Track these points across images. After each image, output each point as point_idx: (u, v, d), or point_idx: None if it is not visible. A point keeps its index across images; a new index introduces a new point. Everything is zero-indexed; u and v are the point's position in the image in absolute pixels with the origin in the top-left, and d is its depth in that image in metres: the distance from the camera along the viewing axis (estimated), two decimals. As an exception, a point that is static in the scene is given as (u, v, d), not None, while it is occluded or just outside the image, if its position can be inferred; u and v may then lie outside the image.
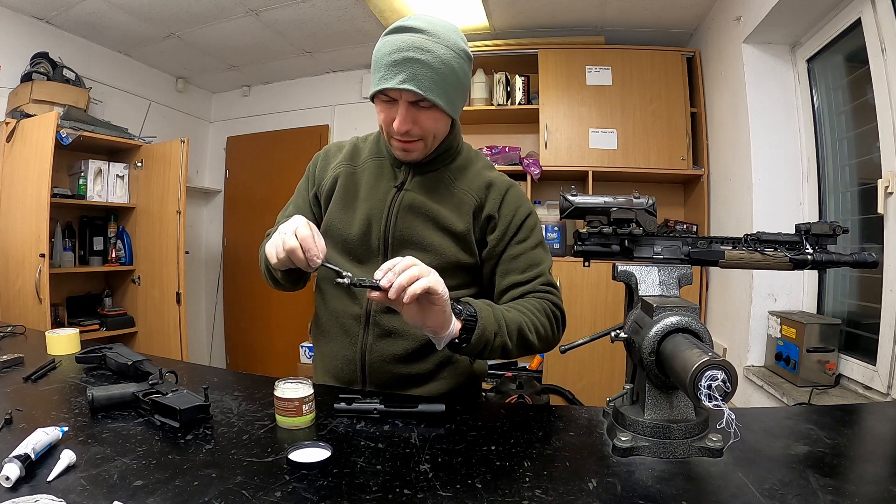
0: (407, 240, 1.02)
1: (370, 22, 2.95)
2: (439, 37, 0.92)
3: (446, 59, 0.92)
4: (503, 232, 1.04)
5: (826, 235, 0.85)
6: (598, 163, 2.81)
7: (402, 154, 1.02)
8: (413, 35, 0.91)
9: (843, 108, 1.94)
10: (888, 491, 0.65)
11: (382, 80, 0.92)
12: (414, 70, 0.90)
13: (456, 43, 0.94)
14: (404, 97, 0.93)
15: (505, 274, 1.04)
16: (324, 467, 0.70)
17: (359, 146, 1.13)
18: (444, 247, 1.02)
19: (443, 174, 1.06)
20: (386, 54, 0.91)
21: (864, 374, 1.68)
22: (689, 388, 0.61)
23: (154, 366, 1.03)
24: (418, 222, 1.03)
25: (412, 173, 1.06)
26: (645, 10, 2.70)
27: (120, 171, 3.07)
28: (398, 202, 1.04)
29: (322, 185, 1.11)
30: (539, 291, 1.02)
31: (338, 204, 1.08)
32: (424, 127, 0.97)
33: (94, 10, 2.76)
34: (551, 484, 0.67)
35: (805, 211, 2.09)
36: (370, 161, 1.09)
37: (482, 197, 1.05)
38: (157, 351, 2.98)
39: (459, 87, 0.97)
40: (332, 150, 1.15)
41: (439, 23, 0.94)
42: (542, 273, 1.04)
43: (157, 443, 0.77)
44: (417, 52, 0.90)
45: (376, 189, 1.06)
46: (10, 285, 2.59)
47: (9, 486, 0.62)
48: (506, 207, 1.05)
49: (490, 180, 1.06)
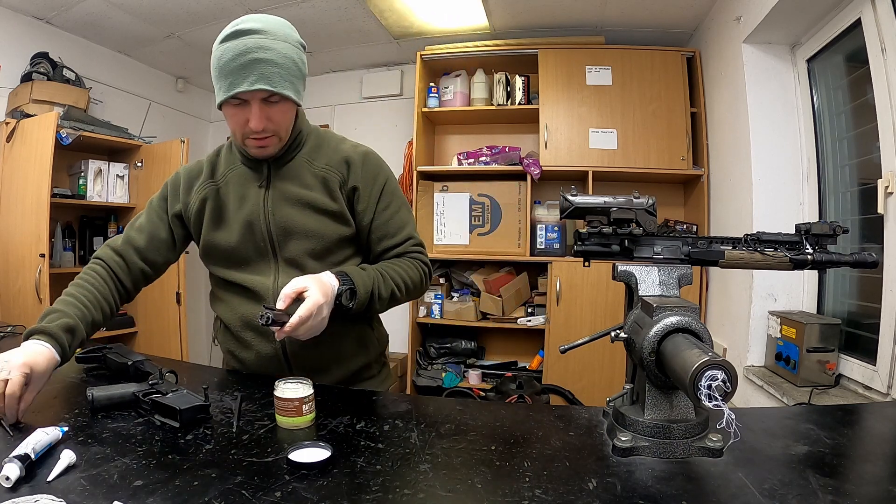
0: (288, 230, 1.07)
1: (370, 22, 2.95)
2: (276, 34, 0.97)
3: (287, 54, 0.97)
4: (367, 202, 1.11)
5: (826, 235, 0.85)
6: (598, 163, 2.81)
7: (258, 152, 1.05)
8: (253, 37, 0.95)
9: (843, 108, 1.94)
10: (888, 491, 0.65)
11: (233, 85, 0.95)
12: (262, 70, 0.94)
13: (291, 36, 1.00)
14: (256, 96, 0.97)
15: (379, 240, 1.13)
16: (324, 467, 0.70)
17: (214, 161, 1.15)
18: (324, 227, 1.08)
19: (300, 160, 1.10)
20: (230, 60, 0.94)
21: (864, 374, 1.68)
22: (689, 388, 0.61)
23: (154, 366, 1.03)
24: (295, 211, 1.07)
25: (272, 168, 1.09)
26: (645, 10, 2.70)
27: (120, 171, 3.07)
28: (269, 199, 1.08)
29: (189, 207, 1.13)
30: (411, 253, 1.14)
31: (211, 222, 1.11)
32: (277, 121, 1.01)
33: (94, 10, 2.76)
34: (551, 484, 0.67)
35: (805, 211, 2.09)
36: (230, 172, 1.12)
37: (344, 172, 1.10)
38: (157, 351, 2.98)
39: (301, 76, 1.03)
40: (193, 172, 1.16)
41: (270, 20, 0.99)
42: (411, 235, 1.15)
43: (157, 443, 0.77)
44: (262, 52, 0.94)
45: (245, 195, 1.09)
46: (10, 285, 2.59)
47: (9, 486, 0.62)
48: (366, 178, 1.11)
49: (346, 155, 1.11)
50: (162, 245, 1.15)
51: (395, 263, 1.11)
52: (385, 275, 1.06)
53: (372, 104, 3.74)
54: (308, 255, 1.08)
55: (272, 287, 1.07)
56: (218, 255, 1.12)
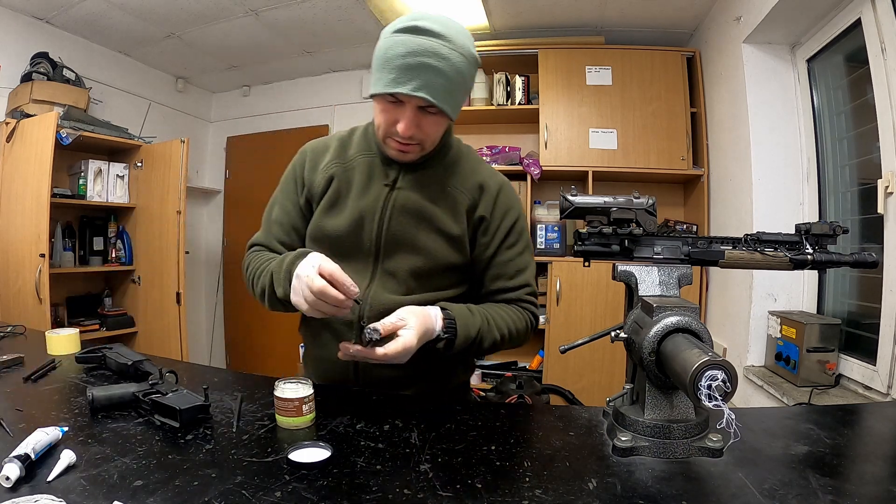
0: (399, 241, 1.01)
1: (370, 22, 2.95)
2: (454, 43, 0.90)
3: (459, 67, 0.90)
4: (493, 235, 1.05)
5: (826, 235, 0.85)
6: (598, 163, 2.81)
7: (397, 155, 1.00)
8: (430, 39, 0.88)
9: (843, 108, 1.94)
10: (888, 491, 0.65)
11: (394, 83, 0.89)
12: (428, 77, 0.88)
13: (468, 49, 0.93)
14: (414, 102, 0.91)
15: (494, 278, 1.07)
16: (324, 467, 0.70)
17: (345, 142, 1.09)
18: (437, 249, 1.01)
19: (435, 171, 1.04)
20: (399, 55, 0.88)
21: (864, 374, 1.68)
22: (689, 388, 0.61)
23: (154, 366, 1.03)
24: (412, 224, 1.01)
25: (404, 171, 1.04)
26: (645, 10, 2.70)
27: (120, 171, 3.07)
28: (391, 202, 1.02)
29: (314, 187, 1.07)
30: (524, 301, 1.08)
31: (328, 203, 1.05)
32: (427, 132, 0.96)
33: (94, 10, 2.76)
34: (551, 484, 0.67)
35: (805, 211, 2.09)
36: (360, 158, 1.06)
37: (476, 197, 1.04)
38: (157, 351, 2.98)
39: (466, 93, 0.97)
40: (319, 150, 1.10)
41: (453, 25, 0.92)
42: (528, 282, 1.08)
43: (157, 443, 0.77)
44: (433, 59, 0.88)
45: (368, 187, 1.03)
46: (10, 285, 2.59)
47: (9, 486, 0.62)
48: (498, 210, 1.05)
49: (482, 180, 1.05)
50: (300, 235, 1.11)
51: (504, 310, 1.04)
52: (491, 322, 1.00)
53: (372, 104, 3.73)
54: (411, 272, 1.01)
55: (363, 293, 1.00)
56: (323, 241, 1.05)
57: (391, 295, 1.00)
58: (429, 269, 1.01)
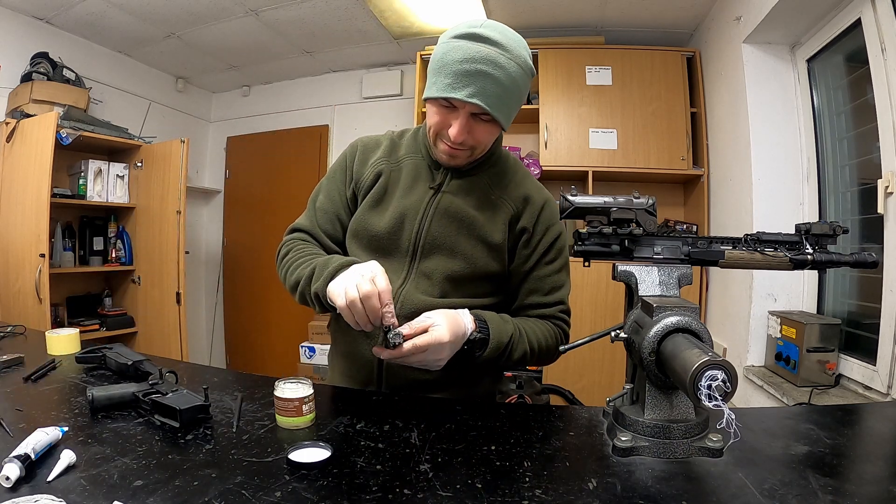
0: (438, 244, 1.01)
1: (370, 22, 2.95)
2: (511, 52, 0.91)
3: (515, 77, 0.92)
4: (533, 248, 1.05)
5: (826, 235, 0.85)
6: (598, 163, 2.81)
7: (446, 159, 1.01)
8: (488, 47, 0.89)
9: (843, 108, 1.94)
10: (888, 491, 0.65)
11: (450, 88, 0.90)
12: (483, 84, 0.89)
13: (525, 60, 0.94)
14: (467, 108, 0.92)
15: (529, 292, 1.07)
16: (324, 467, 0.70)
17: (396, 142, 1.11)
18: (476, 256, 1.01)
19: (481, 179, 1.05)
20: (456, 61, 0.89)
21: (864, 374, 1.68)
22: (689, 388, 0.61)
23: (154, 366, 1.03)
24: (453, 228, 1.01)
25: (450, 176, 1.04)
26: (645, 10, 2.70)
27: (120, 171, 3.07)
28: (434, 205, 1.02)
29: (361, 181, 1.08)
30: (557, 318, 1.08)
31: (373, 200, 1.06)
32: (479, 139, 0.97)
33: (94, 10, 2.76)
34: (551, 484, 0.67)
35: (805, 211, 2.09)
36: (408, 159, 1.07)
37: (519, 208, 1.05)
38: (157, 351, 2.98)
39: (519, 103, 0.98)
40: (370, 145, 1.12)
41: (511, 35, 0.93)
42: (563, 300, 1.09)
43: (157, 443, 0.77)
44: (490, 67, 0.89)
45: (413, 189, 1.04)
46: (10, 285, 2.60)
47: (9, 486, 0.62)
48: (540, 224, 1.05)
49: (528, 193, 1.06)
50: (342, 224, 1.11)
51: (536, 324, 1.05)
52: (524, 333, 1.00)
53: (372, 104, 3.74)
54: (446, 276, 1.00)
55: (396, 292, 1.00)
56: (363, 237, 1.05)
57: (424, 296, 1.00)
58: (466, 274, 1.01)
